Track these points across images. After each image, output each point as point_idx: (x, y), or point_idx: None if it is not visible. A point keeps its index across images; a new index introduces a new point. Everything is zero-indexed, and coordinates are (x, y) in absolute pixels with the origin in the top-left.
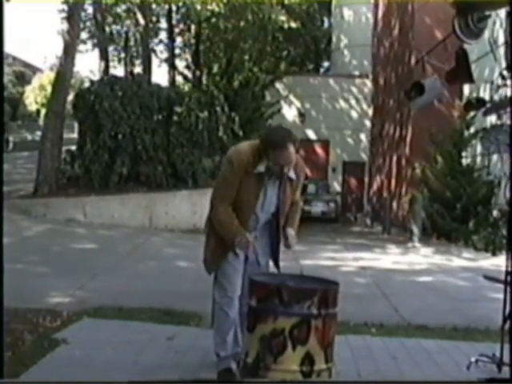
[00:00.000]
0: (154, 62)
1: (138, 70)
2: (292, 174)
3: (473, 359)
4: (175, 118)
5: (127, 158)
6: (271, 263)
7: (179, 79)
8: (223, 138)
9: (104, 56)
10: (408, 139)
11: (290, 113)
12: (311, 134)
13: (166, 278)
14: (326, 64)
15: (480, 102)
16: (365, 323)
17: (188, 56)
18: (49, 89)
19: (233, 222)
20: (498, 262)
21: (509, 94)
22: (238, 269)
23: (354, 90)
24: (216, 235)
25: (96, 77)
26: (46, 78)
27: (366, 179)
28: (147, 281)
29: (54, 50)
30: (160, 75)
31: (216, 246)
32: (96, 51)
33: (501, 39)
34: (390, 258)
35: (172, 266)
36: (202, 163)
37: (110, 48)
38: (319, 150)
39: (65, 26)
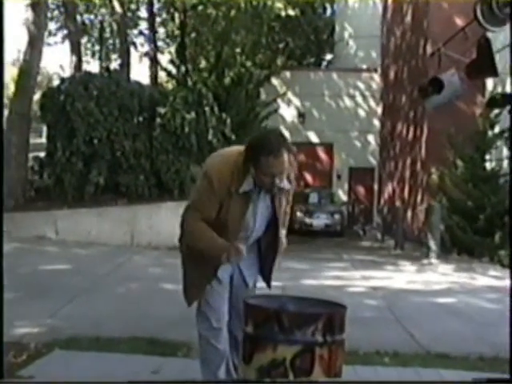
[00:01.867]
0: (134, 56)
1: (114, 65)
2: (286, 184)
3: None
4: (159, 120)
5: (104, 166)
6: (260, 284)
7: (162, 76)
8: (213, 143)
9: (76, 49)
10: (423, 141)
11: (288, 113)
12: (313, 137)
13: (150, 302)
14: (328, 57)
15: (505, 98)
16: (376, 351)
17: (172, 49)
18: (11, 87)
19: (211, 235)
20: None
21: None
22: (222, 295)
23: (361, 85)
24: (194, 261)
25: (67, 73)
26: (7, 74)
27: (376, 187)
28: (129, 306)
29: (17, 43)
30: (140, 71)
31: (195, 273)
32: (66, 44)
33: None
34: (403, 276)
35: (157, 288)
36: (189, 171)
37: (83, 40)
38: (322, 154)
39: (29, 14)
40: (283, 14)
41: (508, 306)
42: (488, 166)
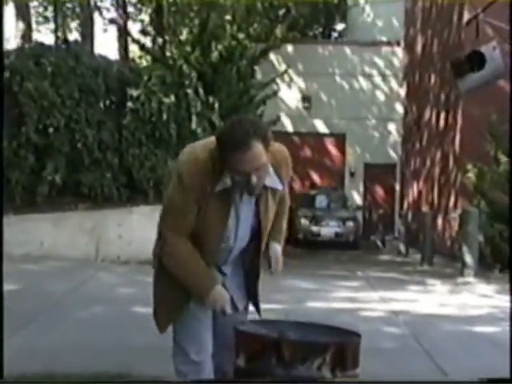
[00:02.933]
0: (98, 24)
1: (74, 35)
2: (273, 183)
3: None
4: (130, 104)
5: (62, 162)
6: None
7: (134, 49)
8: (197, 132)
9: (24, 15)
10: (457, 131)
11: (290, 96)
12: (320, 126)
13: (118, 329)
14: (339, 27)
15: None
16: (380, 382)
17: (145, 16)
18: None
19: (197, 265)
20: None
21: None
22: (203, 321)
23: (380, 62)
24: (168, 276)
25: (12, 45)
26: None
27: (398, 188)
28: (92, 334)
29: None
30: (106, 43)
31: (169, 290)
32: (11, 7)
33: None
34: (432, 298)
35: (127, 312)
36: (168, 168)
37: (33, 3)
38: (332, 147)
39: None
40: None
41: None
42: None
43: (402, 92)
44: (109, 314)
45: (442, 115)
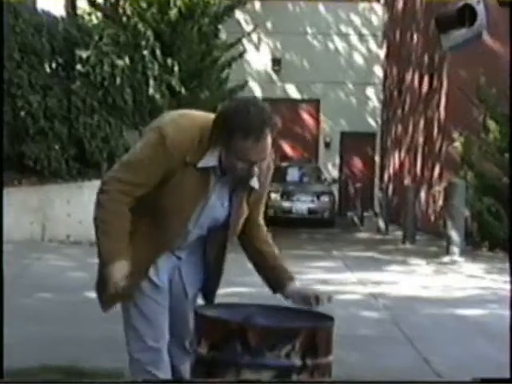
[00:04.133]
0: None
1: None
2: (255, 182)
3: None
4: (79, 67)
5: (3, 132)
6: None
7: (83, 5)
8: (155, 99)
9: None
10: (442, 96)
11: (258, 58)
12: (292, 91)
13: (68, 318)
14: None
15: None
16: (378, 382)
17: None
18: None
19: (116, 230)
20: None
21: None
22: (162, 304)
23: (357, 20)
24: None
25: None
26: None
27: (377, 159)
28: (40, 325)
29: None
30: None
31: None
32: None
33: None
34: (415, 279)
35: (78, 299)
36: (123, 138)
37: None
38: (305, 114)
39: None
40: None
41: None
42: None
43: (382, 53)
44: (58, 302)
45: (426, 78)
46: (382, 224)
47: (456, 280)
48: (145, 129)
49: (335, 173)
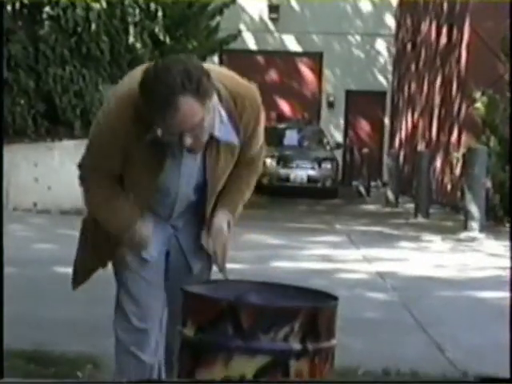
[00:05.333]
0: None
1: None
2: (226, 133)
3: None
4: (47, 9)
5: None
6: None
7: None
8: (136, 48)
9: None
10: (463, 49)
11: (253, 5)
12: (291, 43)
13: (33, 296)
14: None
15: None
16: (384, 370)
17: None
18: None
19: (116, 201)
20: None
21: None
22: (149, 280)
23: None
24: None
25: None
26: None
27: (387, 121)
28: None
29: None
30: None
31: (98, 236)
32: None
33: None
34: (428, 257)
35: (45, 274)
36: (98, 93)
37: None
38: (305, 70)
39: None
40: None
41: None
42: None
43: (394, 0)
44: (22, 277)
45: (445, 29)
46: (391, 195)
47: (474, 259)
48: (111, 93)
49: (339, 136)
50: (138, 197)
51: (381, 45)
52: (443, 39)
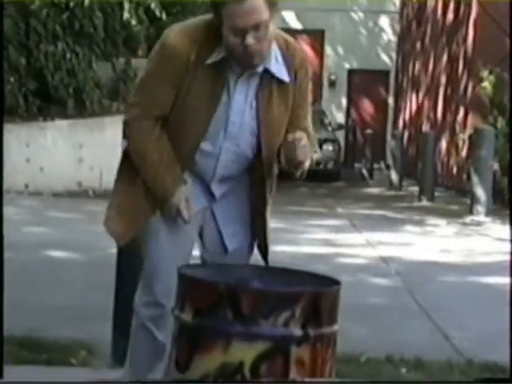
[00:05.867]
0: None
1: None
2: (279, 71)
3: None
4: None
5: None
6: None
7: None
8: (131, 25)
9: None
10: (470, 26)
11: None
12: (291, 20)
13: (27, 281)
14: None
15: None
16: (388, 357)
17: None
18: None
19: (161, 158)
20: None
21: None
22: (180, 251)
23: None
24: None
25: None
26: None
27: (391, 101)
28: None
29: None
30: None
31: (137, 196)
32: None
33: None
34: (432, 242)
35: (38, 258)
36: (92, 71)
37: None
38: (306, 48)
39: None
40: None
41: None
42: None
43: None
44: (13, 262)
45: (451, 6)
46: (395, 177)
47: (480, 243)
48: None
49: (341, 117)
50: (183, 136)
51: (385, 22)
52: (450, 16)
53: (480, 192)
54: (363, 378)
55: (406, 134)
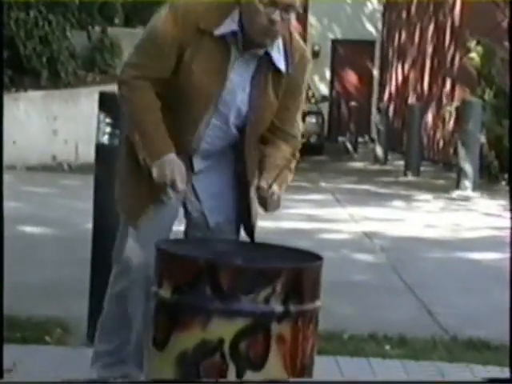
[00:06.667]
0: None
1: None
2: (278, 59)
3: None
4: None
5: None
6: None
7: None
8: None
9: None
10: None
11: None
12: None
13: None
14: None
15: None
16: (371, 335)
17: None
18: None
19: (152, 121)
20: None
21: None
22: (163, 227)
23: None
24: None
25: None
26: None
27: (376, 73)
28: None
29: None
30: None
31: (135, 178)
32: None
33: None
34: (418, 217)
35: (11, 234)
36: (67, 40)
37: None
38: None
39: None
40: None
41: None
42: None
43: None
44: None
45: None
46: (380, 151)
47: (467, 218)
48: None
49: (325, 89)
50: (188, 108)
51: None
52: None
53: (467, 166)
54: (346, 356)
55: (392, 106)
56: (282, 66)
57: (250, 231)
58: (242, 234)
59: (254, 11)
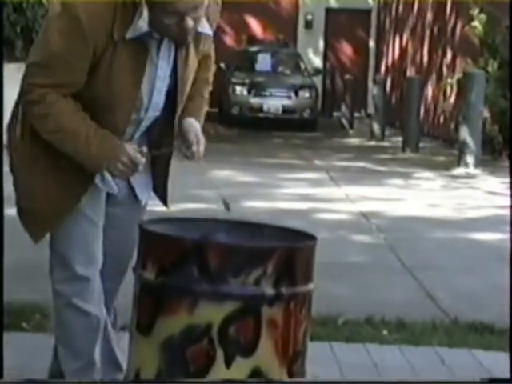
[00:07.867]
0: None
1: None
2: (203, 26)
3: None
4: None
5: None
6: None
7: None
8: None
9: None
10: None
11: None
12: None
13: None
14: None
15: None
16: (368, 319)
17: None
18: None
19: (89, 125)
20: None
21: None
22: (97, 223)
23: None
24: (51, 158)
25: None
26: None
27: (373, 43)
28: None
29: None
30: None
31: (52, 179)
32: None
33: None
34: (418, 196)
35: None
36: (42, 7)
37: None
38: None
39: None
40: None
41: None
42: None
43: None
44: None
45: None
46: (376, 127)
47: (470, 197)
48: (55, 9)
49: (318, 61)
50: (111, 114)
51: None
52: None
53: (469, 141)
54: (341, 341)
55: (389, 79)
56: (208, 30)
57: (163, 197)
58: (232, 214)
59: (160, 25)
